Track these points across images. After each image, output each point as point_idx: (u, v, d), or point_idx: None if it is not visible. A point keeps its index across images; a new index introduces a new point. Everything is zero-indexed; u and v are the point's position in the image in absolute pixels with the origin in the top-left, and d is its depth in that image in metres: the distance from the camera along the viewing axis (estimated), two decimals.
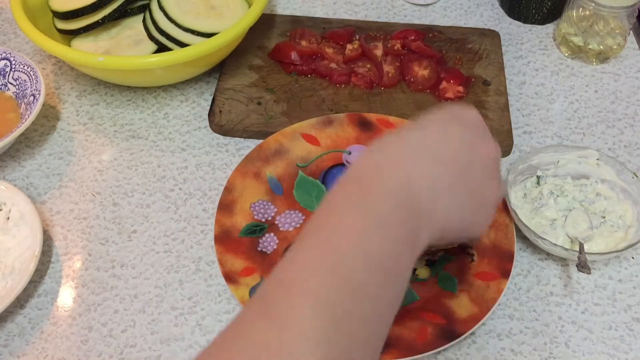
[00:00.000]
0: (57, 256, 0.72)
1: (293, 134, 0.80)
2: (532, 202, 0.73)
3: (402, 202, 0.45)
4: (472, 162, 0.52)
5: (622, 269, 0.72)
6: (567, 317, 0.68)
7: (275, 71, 0.90)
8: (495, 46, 0.94)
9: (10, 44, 0.96)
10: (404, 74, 0.89)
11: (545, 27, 1.00)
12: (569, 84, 0.92)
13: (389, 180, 0.46)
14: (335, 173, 0.78)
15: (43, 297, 0.69)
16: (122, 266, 0.71)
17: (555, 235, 0.70)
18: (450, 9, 1.03)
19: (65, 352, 0.65)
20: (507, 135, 0.82)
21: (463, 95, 0.87)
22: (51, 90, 0.89)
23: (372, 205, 0.44)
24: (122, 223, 0.75)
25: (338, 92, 0.88)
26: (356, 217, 0.43)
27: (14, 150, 0.82)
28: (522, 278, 0.71)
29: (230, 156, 0.82)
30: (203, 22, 0.84)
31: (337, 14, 1.01)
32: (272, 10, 1.01)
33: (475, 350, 0.65)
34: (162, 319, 0.67)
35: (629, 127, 0.86)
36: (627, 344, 0.66)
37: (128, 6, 0.87)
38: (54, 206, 0.76)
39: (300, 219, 0.74)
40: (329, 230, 0.43)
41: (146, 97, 0.88)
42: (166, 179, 0.79)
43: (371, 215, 0.43)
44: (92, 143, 0.83)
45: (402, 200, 0.45)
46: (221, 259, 0.68)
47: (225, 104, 0.85)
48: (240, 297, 0.65)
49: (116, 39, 0.87)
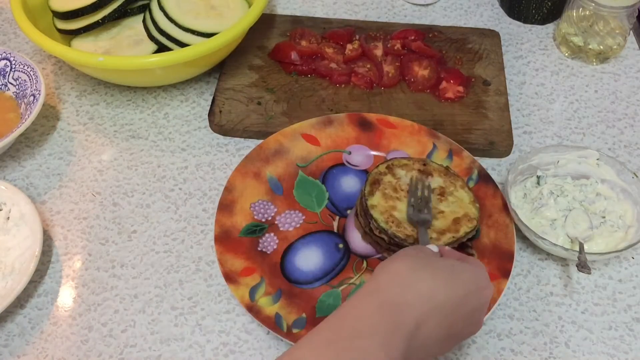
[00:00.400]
0: (57, 256, 0.72)
1: (293, 134, 0.80)
2: (532, 202, 0.73)
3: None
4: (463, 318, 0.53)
5: (622, 269, 0.72)
6: (567, 317, 0.68)
7: (275, 71, 0.90)
8: (495, 46, 0.94)
9: (10, 44, 0.96)
10: (404, 74, 0.89)
11: (545, 27, 1.00)
12: (569, 84, 0.92)
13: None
14: (335, 173, 0.78)
15: (43, 297, 0.69)
16: (122, 266, 0.71)
17: (555, 235, 0.70)
18: (450, 9, 1.03)
19: (65, 352, 0.65)
20: (507, 135, 0.82)
21: (463, 95, 0.87)
22: (51, 90, 0.89)
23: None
24: (122, 223, 0.75)
25: (338, 92, 0.88)
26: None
27: (14, 150, 0.82)
28: (522, 278, 0.71)
29: (230, 156, 0.82)
30: (203, 22, 0.84)
31: (337, 14, 1.01)
32: (272, 10, 1.01)
33: (475, 350, 0.65)
34: (162, 319, 0.67)
35: (629, 127, 0.86)
36: (627, 344, 0.66)
37: (128, 6, 0.87)
38: (54, 206, 0.76)
39: (300, 219, 0.74)
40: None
41: (146, 97, 0.88)
42: (166, 179, 0.79)
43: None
44: (92, 143, 0.83)
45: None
46: (221, 259, 0.68)
47: (225, 104, 0.85)
48: (240, 297, 0.65)
49: (116, 39, 0.87)
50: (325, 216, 0.75)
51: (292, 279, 0.69)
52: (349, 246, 0.72)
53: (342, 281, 0.69)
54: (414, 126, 0.80)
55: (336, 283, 0.69)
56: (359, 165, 0.79)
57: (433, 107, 0.86)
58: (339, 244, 0.72)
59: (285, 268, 0.70)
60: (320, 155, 0.80)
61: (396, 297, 0.49)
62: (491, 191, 0.74)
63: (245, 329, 0.67)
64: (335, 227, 0.74)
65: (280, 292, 0.67)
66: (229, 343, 0.66)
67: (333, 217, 0.75)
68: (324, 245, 0.72)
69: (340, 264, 0.70)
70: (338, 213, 0.75)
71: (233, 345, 0.65)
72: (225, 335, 0.66)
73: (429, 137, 0.79)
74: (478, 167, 0.76)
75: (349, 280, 0.69)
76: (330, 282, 0.69)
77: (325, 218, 0.74)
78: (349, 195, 0.77)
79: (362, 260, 0.71)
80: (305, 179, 0.78)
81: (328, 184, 0.77)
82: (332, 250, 0.71)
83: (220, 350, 0.65)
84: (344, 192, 0.77)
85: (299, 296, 0.67)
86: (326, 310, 0.66)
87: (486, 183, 0.75)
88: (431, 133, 0.79)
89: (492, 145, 0.82)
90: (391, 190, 0.71)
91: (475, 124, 0.84)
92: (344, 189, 0.77)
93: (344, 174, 0.78)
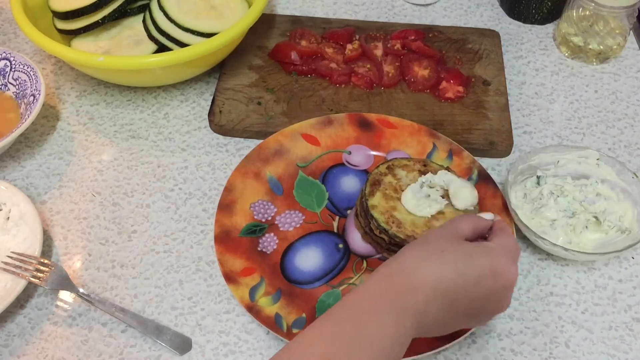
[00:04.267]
0: (57, 256, 0.72)
1: (293, 134, 0.80)
2: (532, 202, 0.73)
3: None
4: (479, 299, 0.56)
5: (622, 269, 0.72)
6: (567, 317, 0.68)
7: (275, 71, 0.90)
8: (495, 46, 0.94)
9: (10, 44, 0.96)
10: (404, 74, 0.89)
11: (545, 27, 1.00)
12: (569, 84, 0.92)
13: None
14: (335, 173, 0.78)
15: (43, 297, 0.69)
16: (122, 266, 0.71)
17: (555, 235, 0.70)
18: (450, 9, 1.03)
19: (65, 352, 0.65)
20: (507, 135, 0.82)
21: (463, 95, 0.87)
22: (51, 90, 0.89)
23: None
24: (122, 223, 0.75)
25: (338, 92, 0.88)
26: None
27: (14, 150, 0.82)
28: (522, 278, 0.71)
29: (230, 156, 0.82)
30: (203, 22, 0.84)
31: (337, 14, 1.01)
32: (272, 10, 1.01)
33: (475, 350, 0.65)
34: (162, 319, 0.67)
35: (629, 127, 0.86)
36: (627, 344, 0.66)
37: (128, 6, 0.87)
38: (54, 206, 0.76)
39: (300, 219, 0.74)
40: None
41: (146, 97, 0.88)
42: (166, 179, 0.79)
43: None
44: (92, 143, 0.83)
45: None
46: (221, 259, 0.68)
47: (225, 104, 0.85)
48: (240, 297, 0.65)
49: (116, 39, 0.87)
50: (325, 216, 0.75)
51: (292, 279, 0.69)
52: (349, 246, 0.72)
53: (342, 281, 0.69)
54: (414, 126, 0.80)
55: (336, 283, 0.69)
56: (359, 165, 0.79)
57: (433, 107, 0.86)
58: (339, 244, 0.72)
59: (285, 268, 0.70)
60: (320, 155, 0.80)
61: (403, 282, 0.53)
62: (491, 191, 0.74)
63: (245, 329, 0.67)
64: (335, 227, 0.74)
65: (280, 292, 0.67)
66: (229, 343, 0.66)
67: (333, 217, 0.75)
68: (324, 245, 0.72)
69: (340, 264, 0.70)
70: (338, 213, 0.75)
71: (233, 345, 0.65)
72: (225, 335, 0.66)
73: (429, 137, 0.79)
74: (478, 167, 0.76)
75: (349, 280, 0.69)
76: (330, 282, 0.69)
77: (325, 218, 0.74)
78: (349, 195, 0.77)
79: (362, 260, 0.71)
80: (305, 179, 0.78)
81: (328, 184, 0.77)
82: (332, 251, 0.71)
83: (220, 350, 0.65)
84: (344, 192, 0.77)
85: (299, 296, 0.67)
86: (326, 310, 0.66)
87: (486, 183, 0.75)
88: (431, 133, 0.79)
89: (492, 145, 0.82)
90: (392, 191, 0.71)
91: (475, 124, 0.84)
92: (344, 189, 0.77)
93: (344, 174, 0.78)
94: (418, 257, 0.55)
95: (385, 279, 0.54)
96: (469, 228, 0.59)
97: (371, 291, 0.53)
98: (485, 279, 0.55)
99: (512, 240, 0.59)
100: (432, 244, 0.56)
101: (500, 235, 0.59)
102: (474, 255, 0.55)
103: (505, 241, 0.58)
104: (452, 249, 0.56)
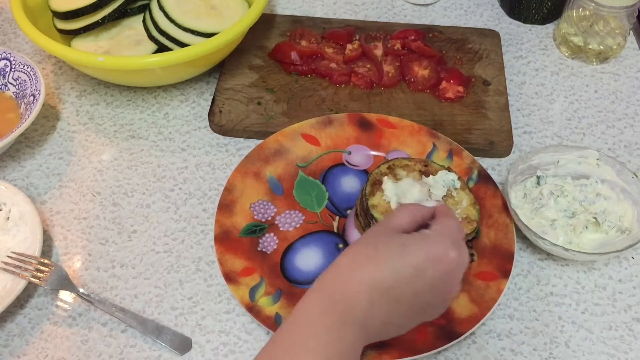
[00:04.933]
0: (57, 256, 0.72)
1: (293, 134, 0.80)
2: (532, 202, 0.73)
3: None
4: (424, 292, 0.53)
5: (622, 269, 0.72)
6: (567, 317, 0.68)
7: (275, 71, 0.90)
8: (495, 46, 0.94)
9: (10, 44, 0.96)
10: (404, 74, 0.89)
11: (545, 27, 1.00)
12: (569, 84, 0.92)
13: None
14: (335, 173, 0.78)
15: (43, 297, 0.69)
16: (122, 266, 0.71)
17: (555, 235, 0.70)
18: (450, 9, 1.03)
19: (65, 352, 0.65)
20: (507, 135, 0.82)
21: (463, 95, 0.87)
22: (51, 90, 0.89)
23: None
24: (122, 223, 0.75)
25: (338, 92, 0.88)
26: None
27: (14, 150, 0.82)
28: (522, 278, 0.71)
29: (230, 156, 0.82)
30: (203, 22, 0.84)
31: (337, 14, 1.01)
32: (272, 10, 1.01)
33: (475, 350, 0.65)
34: (162, 319, 0.67)
35: (629, 127, 0.86)
36: (627, 344, 0.66)
37: (128, 6, 0.87)
38: (54, 206, 0.76)
39: (300, 219, 0.74)
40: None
41: (146, 97, 0.89)
42: (166, 179, 0.79)
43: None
44: (92, 143, 0.83)
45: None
46: (221, 259, 0.68)
47: (225, 104, 0.85)
48: (240, 297, 0.65)
49: (116, 39, 0.87)
50: (325, 216, 0.75)
51: (292, 279, 0.69)
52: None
53: None
54: (414, 126, 0.80)
55: None
56: (358, 165, 0.79)
57: (433, 107, 0.86)
58: (339, 244, 0.72)
59: (285, 268, 0.70)
60: (320, 155, 0.80)
61: (339, 294, 0.52)
62: (491, 191, 0.74)
63: (245, 329, 0.67)
64: (335, 227, 0.74)
65: (280, 292, 0.67)
66: (229, 343, 0.66)
67: (333, 217, 0.75)
68: (323, 246, 0.72)
69: None
70: (338, 213, 0.75)
71: (233, 345, 0.65)
72: (225, 335, 0.66)
73: (429, 137, 0.79)
74: (478, 167, 0.76)
75: None
76: None
77: (325, 218, 0.74)
78: (349, 195, 0.77)
79: None
80: (305, 179, 0.78)
81: (328, 184, 0.77)
82: (332, 251, 0.71)
83: (220, 350, 0.65)
84: (344, 192, 0.77)
85: (299, 296, 0.67)
86: None
87: (486, 183, 0.75)
88: (431, 133, 0.79)
89: (492, 145, 0.82)
90: None
91: (475, 124, 0.84)
92: (344, 189, 0.77)
93: (344, 174, 0.78)
94: (351, 263, 0.53)
95: (322, 293, 0.52)
96: (406, 219, 0.56)
97: (308, 311, 0.52)
98: (424, 269, 0.52)
99: (452, 222, 0.56)
100: (365, 244, 0.55)
101: (440, 219, 0.56)
102: (408, 247, 0.53)
103: (444, 225, 0.55)
104: (386, 245, 0.53)
